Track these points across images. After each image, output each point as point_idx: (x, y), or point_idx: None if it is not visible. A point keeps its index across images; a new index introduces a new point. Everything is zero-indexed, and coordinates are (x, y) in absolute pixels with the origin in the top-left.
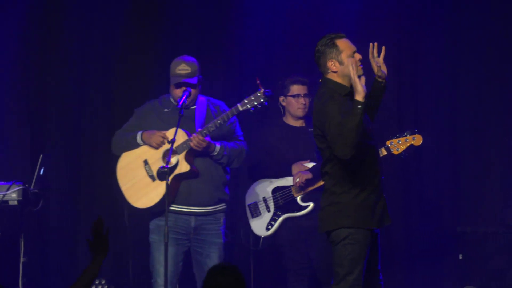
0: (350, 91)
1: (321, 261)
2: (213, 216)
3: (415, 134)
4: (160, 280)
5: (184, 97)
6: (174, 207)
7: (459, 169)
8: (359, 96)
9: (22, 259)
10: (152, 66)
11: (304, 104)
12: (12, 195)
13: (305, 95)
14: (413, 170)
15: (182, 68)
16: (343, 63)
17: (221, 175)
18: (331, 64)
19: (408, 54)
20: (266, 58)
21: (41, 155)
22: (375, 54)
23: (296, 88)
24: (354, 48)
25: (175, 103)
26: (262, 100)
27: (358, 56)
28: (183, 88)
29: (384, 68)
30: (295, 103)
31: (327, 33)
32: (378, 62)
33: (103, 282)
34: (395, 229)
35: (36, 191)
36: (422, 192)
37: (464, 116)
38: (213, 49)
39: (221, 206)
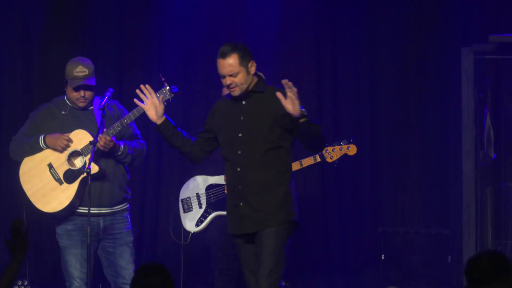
0: None
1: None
2: (120, 215)
3: (350, 143)
4: (76, 283)
5: (106, 97)
6: (81, 210)
7: (381, 169)
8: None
9: None
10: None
11: None
12: None
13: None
14: (335, 170)
15: (80, 70)
16: None
17: (124, 174)
18: None
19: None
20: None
21: None
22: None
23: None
24: (221, 72)
25: (72, 105)
26: (168, 97)
27: (225, 81)
28: (81, 91)
29: (292, 107)
30: None
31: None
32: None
33: (25, 283)
34: (318, 230)
35: None
36: (344, 192)
37: (384, 116)
38: (130, 48)
39: (126, 205)
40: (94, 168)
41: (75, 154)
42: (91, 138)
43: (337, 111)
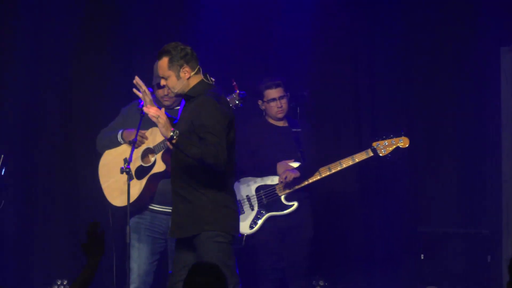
0: None
1: (292, 261)
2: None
3: (401, 136)
4: (133, 277)
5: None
6: (151, 206)
7: (419, 169)
8: None
9: None
10: (107, 66)
11: (281, 107)
12: None
13: (280, 97)
14: (375, 170)
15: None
16: None
17: None
18: None
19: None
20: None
21: (1, 156)
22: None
23: (270, 93)
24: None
25: (158, 103)
26: (237, 102)
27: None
28: (165, 89)
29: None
30: (272, 107)
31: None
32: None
33: (65, 283)
34: (357, 230)
35: None
36: (383, 192)
37: (421, 116)
38: None
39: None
40: (161, 167)
41: (148, 151)
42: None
43: (373, 110)
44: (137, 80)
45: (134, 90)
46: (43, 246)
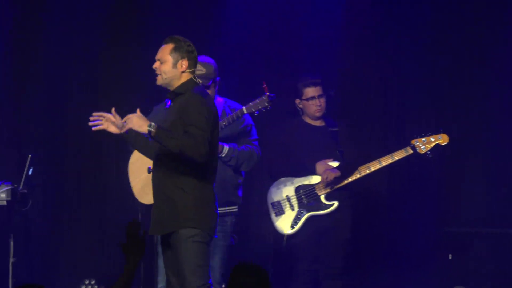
0: None
1: (326, 259)
2: (221, 219)
3: (440, 133)
4: (161, 277)
5: None
6: None
7: (447, 169)
8: None
9: (11, 259)
10: (135, 64)
11: (320, 105)
12: (1, 195)
13: (319, 96)
14: (403, 170)
15: (198, 68)
16: None
17: (231, 177)
18: None
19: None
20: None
21: (29, 155)
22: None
23: (309, 91)
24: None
25: None
26: (266, 104)
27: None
28: None
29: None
30: (311, 105)
31: None
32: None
33: (92, 282)
34: (385, 230)
35: (25, 191)
36: (410, 191)
37: (450, 115)
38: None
39: (231, 209)
40: None
41: None
42: None
43: (401, 110)
44: (94, 114)
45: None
46: (71, 245)
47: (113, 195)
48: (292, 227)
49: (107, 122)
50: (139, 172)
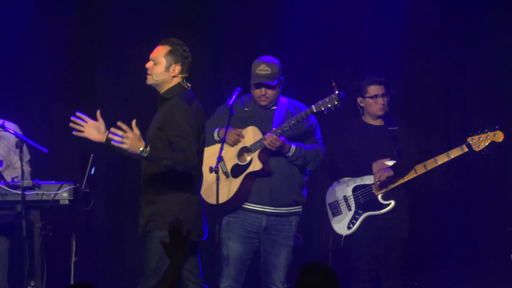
0: None
1: (385, 259)
2: (286, 218)
3: (496, 130)
4: (225, 276)
5: (234, 96)
6: (246, 205)
7: (508, 168)
8: None
9: (73, 259)
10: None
11: (383, 104)
12: (63, 194)
13: (383, 95)
14: (462, 168)
15: (262, 68)
16: None
17: (297, 177)
18: None
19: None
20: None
21: (92, 155)
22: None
23: (373, 89)
24: None
25: (255, 103)
26: (336, 102)
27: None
28: (262, 89)
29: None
30: (373, 103)
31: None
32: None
33: None
34: (445, 229)
35: (87, 190)
36: (471, 190)
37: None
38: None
39: (296, 209)
40: (257, 166)
41: (245, 149)
42: (261, 136)
43: (463, 107)
44: (78, 115)
45: (75, 133)
46: (132, 244)
47: None
48: (349, 227)
49: (88, 128)
50: (205, 173)
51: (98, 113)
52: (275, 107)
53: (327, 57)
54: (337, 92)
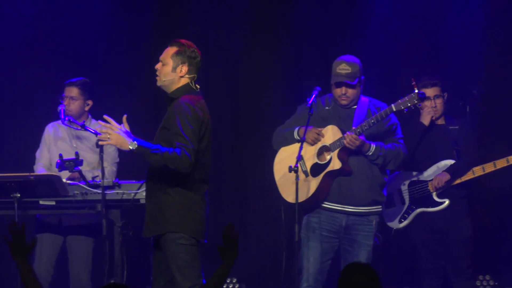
0: None
1: (455, 260)
2: (366, 218)
3: None
4: (305, 276)
5: (313, 96)
6: (326, 204)
7: None
8: None
9: None
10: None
11: (435, 106)
12: (143, 193)
13: (436, 97)
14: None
15: (343, 68)
16: None
17: (377, 176)
18: None
19: None
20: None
21: None
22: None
23: (425, 92)
24: None
25: (336, 102)
26: (416, 101)
27: None
28: (342, 88)
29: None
30: (426, 106)
31: None
32: None
33: (234, 281)
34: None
35: None
36: None
37: None
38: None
39: (376, 208)
40: (336, 165)
41: (324, 148)
42: (341, 135)
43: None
44: (107, 119)
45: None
46: (210, 242)
47: (256, 194)
48: (401, 221)
49: (114, 135)
50: (284, 171)
51: (124, 118)
52: (355, 106)
53: (408, 56)
54: (417, 91)
